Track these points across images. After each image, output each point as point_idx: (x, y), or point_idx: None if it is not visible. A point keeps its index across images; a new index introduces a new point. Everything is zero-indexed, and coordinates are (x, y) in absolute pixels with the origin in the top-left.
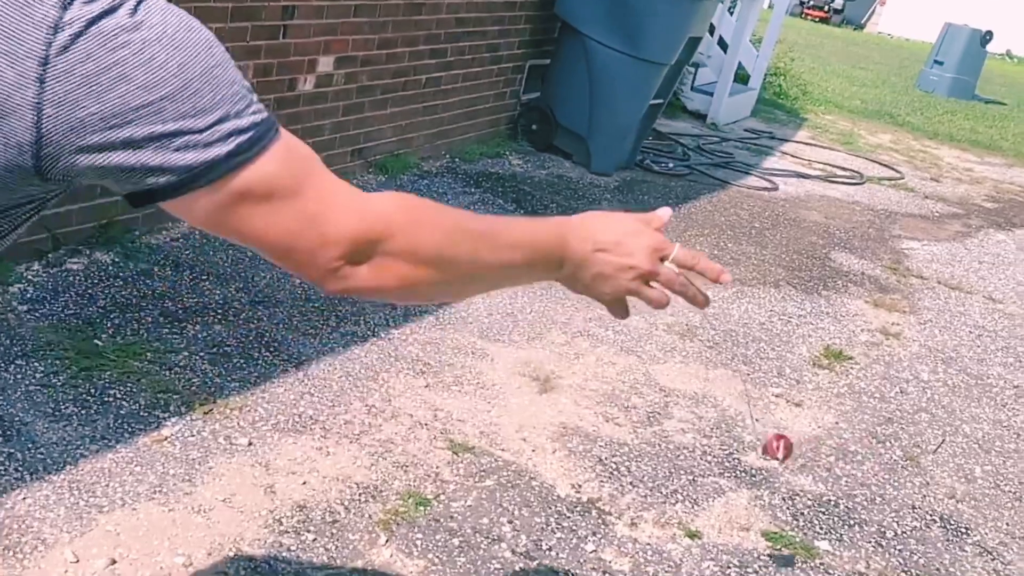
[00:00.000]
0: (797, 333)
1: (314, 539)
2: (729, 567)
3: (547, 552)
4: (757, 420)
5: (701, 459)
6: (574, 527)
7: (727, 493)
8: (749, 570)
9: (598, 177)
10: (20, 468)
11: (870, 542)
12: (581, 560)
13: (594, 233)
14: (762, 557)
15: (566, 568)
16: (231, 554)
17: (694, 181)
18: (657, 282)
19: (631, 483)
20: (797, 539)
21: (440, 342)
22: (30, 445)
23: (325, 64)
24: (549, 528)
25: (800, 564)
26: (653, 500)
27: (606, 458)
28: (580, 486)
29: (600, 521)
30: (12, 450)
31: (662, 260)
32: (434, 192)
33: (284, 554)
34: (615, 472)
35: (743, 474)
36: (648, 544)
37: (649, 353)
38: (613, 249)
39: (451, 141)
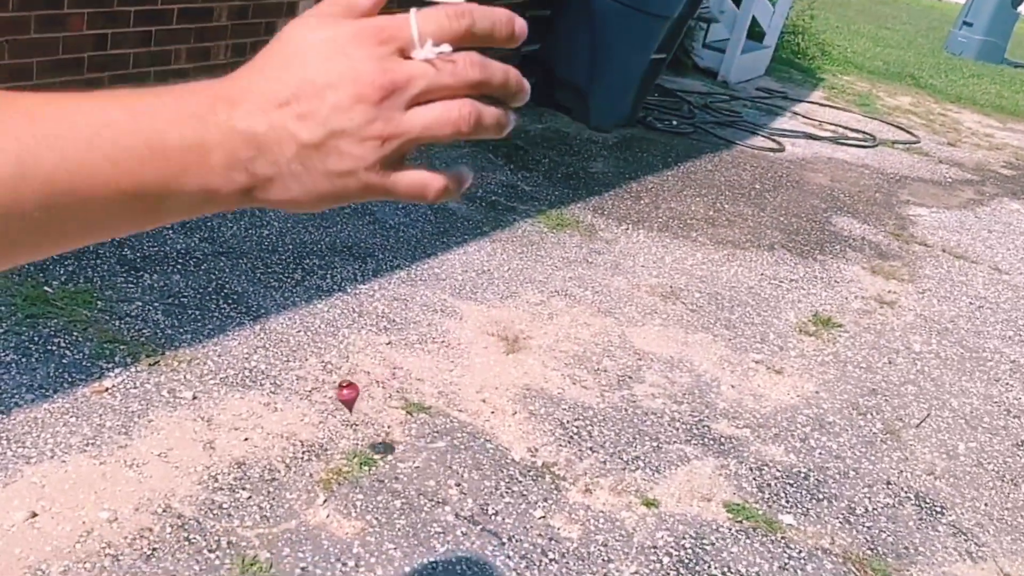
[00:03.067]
0: (786, 298)
1: (249, 497)
2: (684, 538)
3: (492, 517)
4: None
5: (668, 425)
6: (525, 492)
7: (692, 461)
8: (705, 542)
9: (596, 133)
10: None
11: (838, 518)
12: (528, 526)
13: (268, 81)
14: (720, 529)
15: (511, 534)
16: (159, 510)
17: (697, 140)
18: (418, 118)
19: (591, 448)
20: (760, 512)
21: (409, 299)
22: None
23: (306, 8)
24: (498, 492)
25: (760, 538)
26: (612, 466)
27: (568, 422)
28: (536, 450)
29: (553, 487)
30: None
31: (404, 56)
32: (421, 145)
33: (215, 512)
34: (575, 436)
35: (711, 442)
36: (601, 512)
37: (627, 315)
38: (305, 94)
39: None
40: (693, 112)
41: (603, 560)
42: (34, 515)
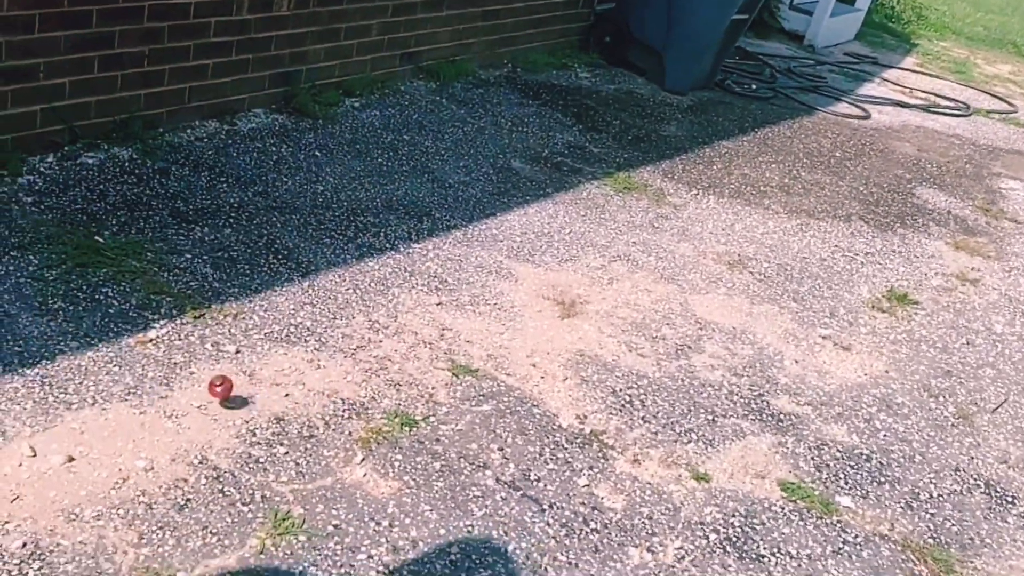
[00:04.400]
0: (861, 272)
1: (286, 453)
2: (734, 515)
3: (534, 483)
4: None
5: (726, 398)
6: (570, 459)
7: (748, 437)
8: (755, 521)
9: (671, 95)
10: None
11: (900, 503)
12: (570, 494)
13: None
14: (773, 508)
15: (552, 501)
16: (195, 462)
17: (778, 105)
18: None
19: (642, 418)
20: (816, 492)
21: (463, 259)
22: (9, 337)
23: None
24: (542, 459)
25: (815, 520)
26: (663, 438)
27: (621, 390)
28: (585, 417)
29: (600, 455)
30: None
31: None
32: (488, 102)
33: (251, 466)
34: (627, 405)
35: (769, 418)
36: (648, 483)
37: (691, 282)
38: None
39: (514, 50)
40: (775, 76)
41: (647, 533)
42: (71, 460)
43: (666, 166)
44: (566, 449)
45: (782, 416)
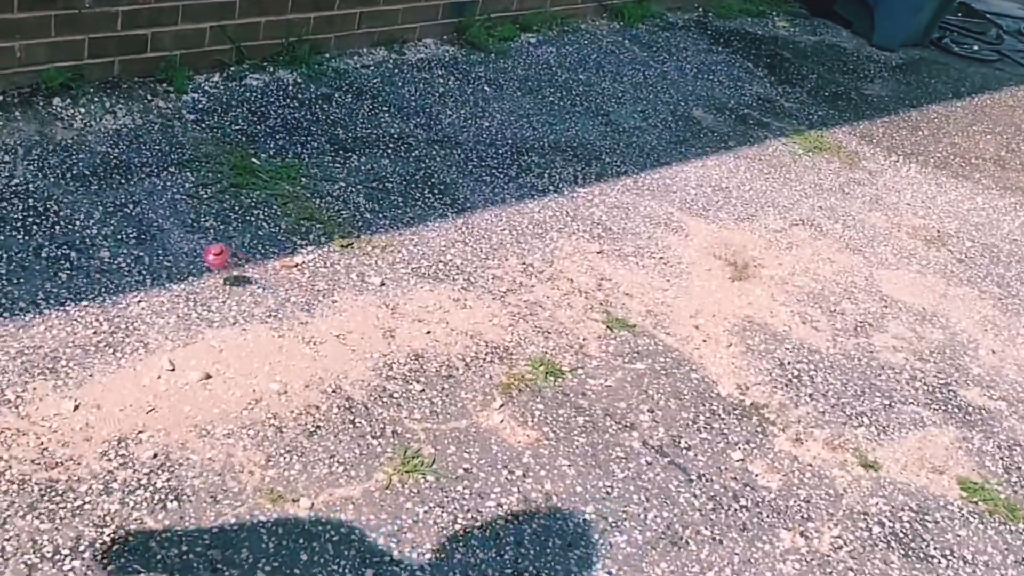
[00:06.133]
0: None
1: (421, 390)
2: (903, 510)
3: (684, 451)
4: None
5: (907, 384)
6: (725, 430)
7: (928, 427)
8: (928, 518)
9: (878, 51)
10: (144, 272)
11: None
12: (722, 467)
13: None
14: (949, 507)
15: (701, 472)
16: (329, 390)
17: (1001, 70)
18: None
19: (810, 395)
20: (1002, 496)
21: (631, 208)
22: (160, 251)
23: None
24: (695, 426)
25: (996, 525)
26: (831, 418)
27: (789, 363)
28: (747, 388)
29: (759, 430)
30: (142, 253)
31: None
32: (673, 46)
33: (384, 400)
34: (794, 380)
35: (955, 410)
36: (809, 465)
37: (880, 255)
38: None
39: None
40: (1001, 37)
41: (802, 517)
42: (208, 377)
43: (864, 127)
44: (722, 419)
45: (971, 409)
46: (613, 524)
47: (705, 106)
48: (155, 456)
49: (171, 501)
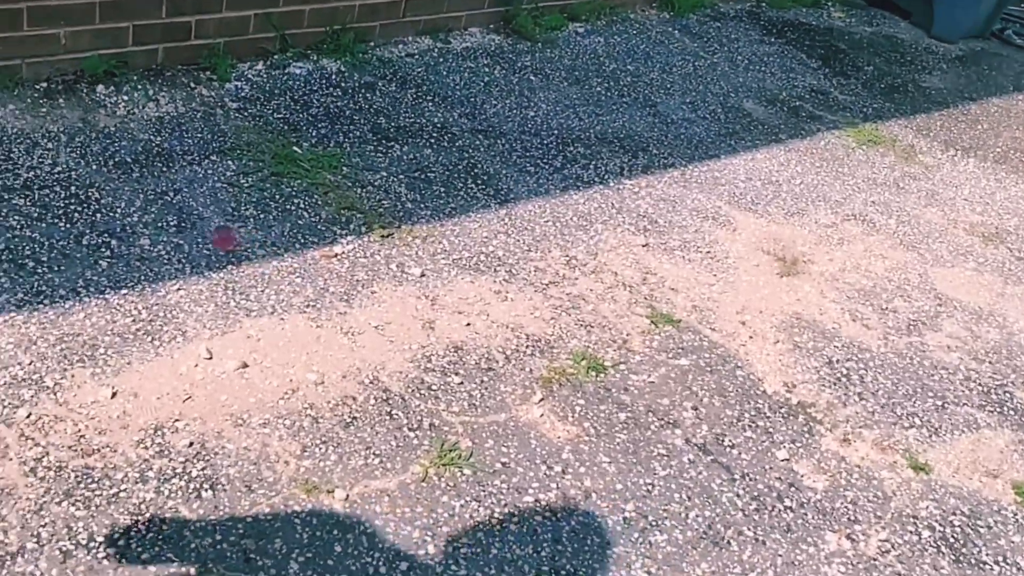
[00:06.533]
0: None
1: (460, 383)
2: (954, 514)
3: (728, 450)
4: None
5: (961, 384)
6: (771, 429)
7: (982, 429)
8: (980, 523)
9: (938, 43)
10: (183, 260)
11: None
12: (767, 467)
13: None
14: (1003, 512)
15: (745, 471)
16: (366, 381)
17: None
18: None
19: (859, 394)
20: None
21: (678, 201)
22: (200, 240)
23: None
24: (740, 424)
25: None
26: (881, 418)
27: (838, 361)
28: (794, 386)
29: (806, 429)
30: (181, 241)
31: None
32: (724, 37)
33: (422, 392)
34: (843, 378)
35: (1011, 412)
36: (857, 466)
37: (935, 252)
38: None
39: None
40: None
41: (848, 519)
42: (245, 366)
43: (921, 121)
44: (768, 418)
45: None
46: (653, 523)
47: (756, 98)
48: (191, 445)
49: (206, 490)
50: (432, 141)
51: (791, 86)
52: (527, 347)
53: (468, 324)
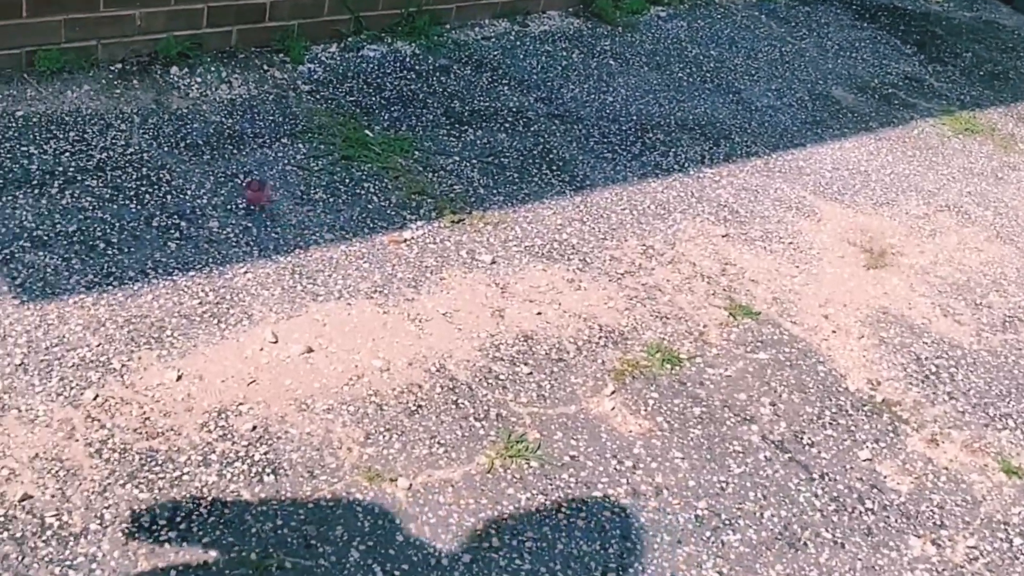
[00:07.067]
0: None
1: (529, 373)
2: None
3: (806, 448)
4: None
5: None
6: (852, 428)
7: None
8: None
9: None
10: (251, 243)
11: None
12: (848, 467)
13: None
14: None
15: (825, 471)
16: (433, 369)
17: None
18: None
19: (948, 393)
20: None
21: (760, 190)
22: (268, 223)
23: None
24: (820, 422)
25: None
26: (972, 419)
27: (927, 358)
28: (879, 383)
29: (890, 428)
30: (249, 224)
31: None
32: (813, 22)
33: (490, 381)
34: (932, 376)
35: None
36: (945, 469)
37: None
38: None
39: None
40: None
41: (934, 524)
42: (310, 351)
43: (1022, 109)
44: (850, 416)
45: None
46: (726, 521)
47: (846, 85)
48: (254, 429)
49: (268, 475)
50: (507, 125)
51: (883, 73)
52: (600, 338)
53: (539, 313)
